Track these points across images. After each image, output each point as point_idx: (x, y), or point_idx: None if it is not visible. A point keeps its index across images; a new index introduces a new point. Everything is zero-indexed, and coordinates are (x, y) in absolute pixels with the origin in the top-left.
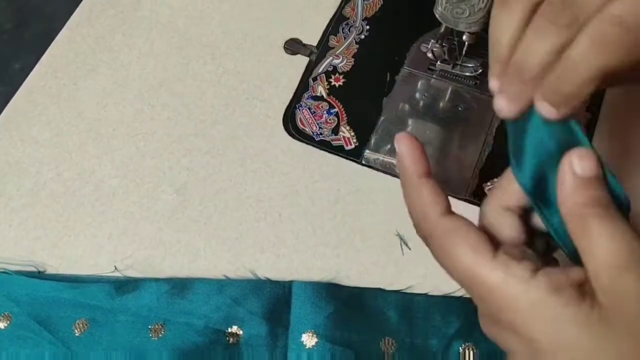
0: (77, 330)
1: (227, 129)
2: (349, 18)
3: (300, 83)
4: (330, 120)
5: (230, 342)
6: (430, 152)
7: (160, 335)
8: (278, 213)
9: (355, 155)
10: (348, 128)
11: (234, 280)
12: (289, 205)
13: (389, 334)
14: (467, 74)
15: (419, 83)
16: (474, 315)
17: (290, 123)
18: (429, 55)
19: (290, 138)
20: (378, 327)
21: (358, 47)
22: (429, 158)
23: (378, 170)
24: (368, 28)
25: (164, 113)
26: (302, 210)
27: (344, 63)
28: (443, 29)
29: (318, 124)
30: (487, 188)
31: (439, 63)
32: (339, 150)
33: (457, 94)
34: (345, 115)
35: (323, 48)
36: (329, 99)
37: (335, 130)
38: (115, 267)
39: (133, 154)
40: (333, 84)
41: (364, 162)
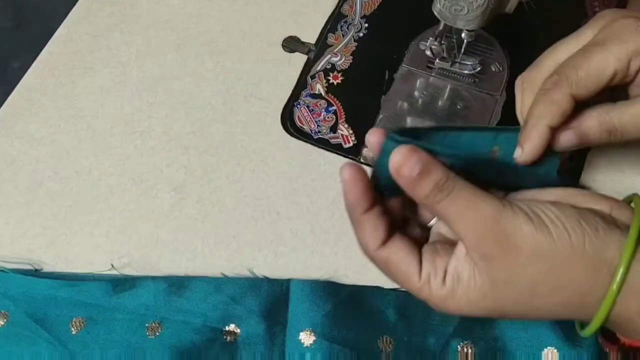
0: (74, 329)
1: (225, 127)
2: (348, 16)
3: (299, 81)
4: (329, 118)
5: (228, 340)
6: None
7: (158, 334)
8: (276, 211)
9: (354, 153)
10: (346, 126)
11: (232, 279)
12: (287, 204)
13: (387, 333)
14: (465, 72)
15: (418, 81)
16: None
17: (289, 121)
18: (428, 53)
19: (289, 136)
20: (376, 325)
21: (356, 45)
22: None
23: None
24: (366, 26)
25: (162, 111)
26: (300, 209)
27: (343, 61)
28: (442, 27)
29: (316, 122)
30: None
31: (438, 61)
32: (338, 148)
33: (455, 92)
34: (344, 113)
35: (321, 46)
36: (328, 97)
37: (334, 128)
38: (112, 265)
39: (130, 152)
40: (331, 82)
41: (363, 160)
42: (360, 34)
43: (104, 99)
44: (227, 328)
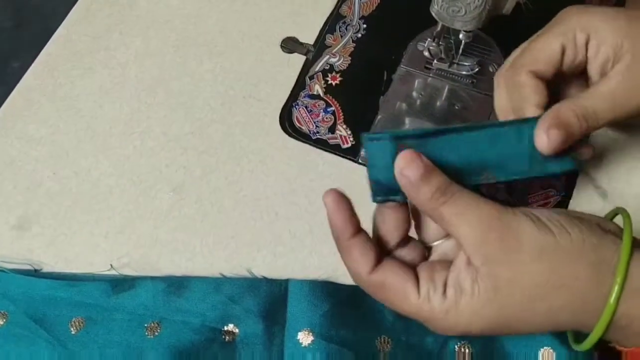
0: (73, 329)
1: (223, 128)
2: (346, 17)
3: (297, 81)
4: (327, 119)
5: (227, 340)
6: None
7: (157, 334)
8: (275, 212)
9: (352, 154)
10: (345, 127)
11: (230, 279)
12: (286, 204)
13: (385, 333)
14: (463, 73)
15: (416, 82)
16: None
17: (287, 121)
18: (426, 54)
19: (287, 136)
20: (374, 325)
21: (355, 45)
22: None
23: None
24: (365, 27)
25: (161, 112)
26: (298, 209)
27: (341, 62)
28: (439, 28)
29: (315, 123)
30: None
31: (436, 62)
32: (336, 149)
33: (453, 93)
34: (342, 114)
35: (320, 47)
36: (326, 98)
37: (332, 129)
38: (112, 265)
39: (129, 153)
40: (330, 83)
41: (361, 160)
42: (359, 35)
43: (103, 100)
44: (225, 328)
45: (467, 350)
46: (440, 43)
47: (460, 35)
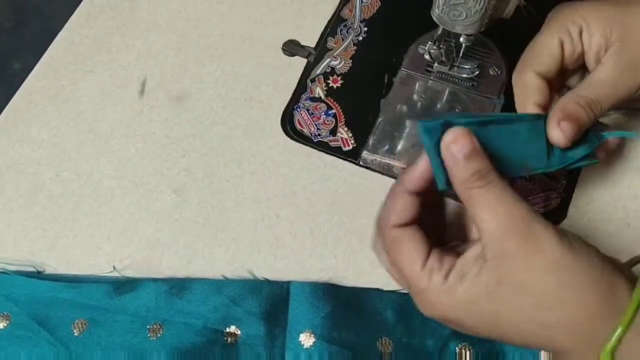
0: (76, 330)
1: (225, 130)
2: (347, 20)
3: (298, 84)
4: (328, 122)
5: (229, 342)
6: None
7: (159, 335)
8: (276, 214)
9: (353, 157)
10: (346, 129)
11: (232, 281)
12: (287, 206)
13: (386, 334)
14: (464, 76)
15: (417, 84)
16: None
17: (288, 124)
18: (427, 57)
19: (288, 139)
20: (375, 327)
21: (356, 48)
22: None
23: (376, 172)
24: (366, 30)
25: (162, 114)
26: (299, 211)
27: (342, 64)
28: (440, 31)
29: (316, 125)
30: None
31: (436, 65)
32: (337, 152)
33: (454, 96)
34: (343, 117)
35: (321, 49)
36: (327, 100)
37: (333, 132)
38: (114, 267)
39: (131, 155)
40: (331, 85)
41: (362, 163)
42: (360, 38)
43: (105, 102)
44: (227, 330)
45: (467, 352)
46: (441, 46)
47: (461, 39)
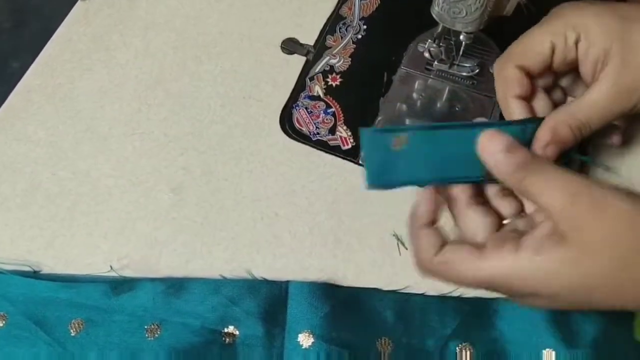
0: (72, 330)
1: (223, 129)
2: (346, 18)
3: (297, 83)
4: (327, 120)
5: (227, 342)
6: None
7: (157, 336)
8: (275, 213)
9: (352, 155)
10: (345, 128)
11: (230, 280)
12: (286, 205)
13: (386, 334)
14: (464, 74)
15: (416, 83)
16: (471, 315)
17: (287, 123)
18: (426, 55)
19: (287, 138)
20: (374, 327)
21: (355, 46)
22: None
23: None
24: (365, 28)
25: (161, 112)
26: (299, 210)
27: (341, 63)
28: (440, 29)
29: (315, 124)
30: None
31: (436, 63)
32: (336, 150)
33: (454, 94)
34: (342, 115)
35: (320, 48)
36: (326, 99)
37: (332, 130)
38: (111, 266)
39: (129, 154)
40: (330, 84)
41: (361, 162)
42: (359, 36)
43: (103, 101)
44: (225, 330)
45: (467, 352)
46: (441, 44)
47: (461, 37)
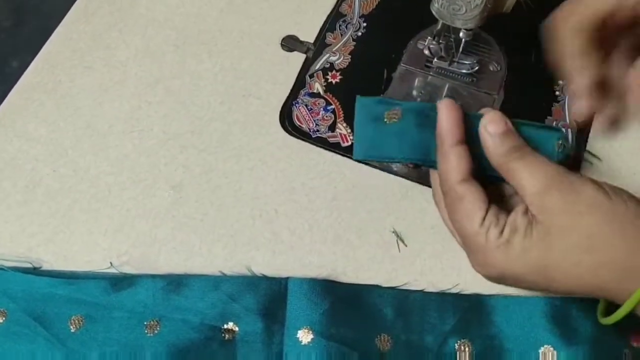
0: (72, 327)
1: (223, 126)
2: (346, 15)
3: (297, 80)
4: (327, 117)
5: (226, 338)
6: None
7: (156, 332)
8: (274, 210)
9: (352, 152)
10: (345, 125)
11: (230, 277)
12: (285, 202)
13: (385, 331)
14: (463, 71)
15: (416, 80)
16: (470, 312)
17: (287, 120)
18: (426, 53)
19: (287, 135)
20: (374, 323)
21: (355, 44)
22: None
23: (374, 167)
24: (365, 25)
25: (160, 110)
26: (298, 207)
27: (341, 60)
28: (440, 26)
29: (315, 121)
30: None
31: (436, 60)
32: (336, 147)
33: (454, 91)
34: (342, 112)
35: (320, 45)
36: (326, 96)
37: (332, 127)
38: (111, 263)
39: (129, 151)
40: (330, 81)
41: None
42: (359, 33)
43: (103, 98)
44: (225, 326)
45: (467, 348)
46: (441, 41)
47: (461, 34)
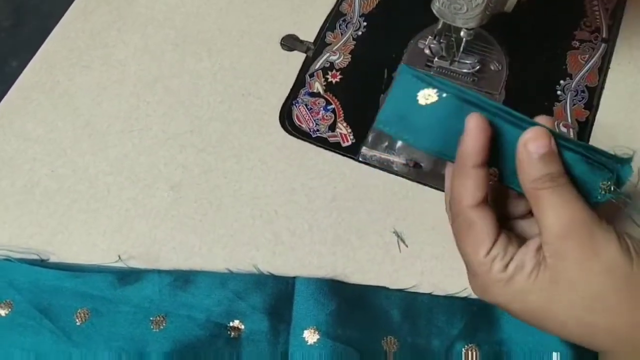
0: (78, 320)
1: (222, 126)
2: (346, 14)
3: (297, 79)
4: (327, 117)
5: (232, 336)
6: None
7: (162, 327)
8: (274, 210)
9: (352, 152)
10: (345, 125)
11: (237, 275)
12: (285, 203)
13: (391, 333)
14: (464, 71)
15: None
16: (478, 316)
17: (287, 119)
18: (427, 52)
19: (287, 134)
20: (380, 325)
21: (355, 43)
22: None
23: (375, 167)
24: (365, 24)
25: (160, 109)
26: (298, 208)
27: (341, 59)
28: (440, 25)
29: (315, 121)
30: None
31: (437, 59)
32: (336, 147)
33: None
34: (342, 112)
35: (320, 44)
36: (326, 96)
37: (332, 127)
38: (119, 257)
39: (128, 151)
40: (330, 81)
41: (361, 159)
42: (359, 33)
43: (102, 97)
44: (231, 324)
45: (474, 353)
46: (441, 41)
47: (462, 33)
